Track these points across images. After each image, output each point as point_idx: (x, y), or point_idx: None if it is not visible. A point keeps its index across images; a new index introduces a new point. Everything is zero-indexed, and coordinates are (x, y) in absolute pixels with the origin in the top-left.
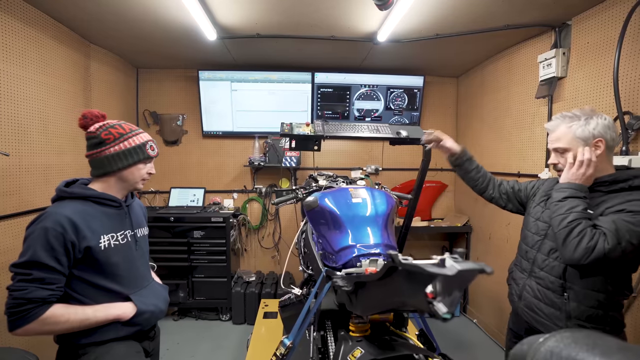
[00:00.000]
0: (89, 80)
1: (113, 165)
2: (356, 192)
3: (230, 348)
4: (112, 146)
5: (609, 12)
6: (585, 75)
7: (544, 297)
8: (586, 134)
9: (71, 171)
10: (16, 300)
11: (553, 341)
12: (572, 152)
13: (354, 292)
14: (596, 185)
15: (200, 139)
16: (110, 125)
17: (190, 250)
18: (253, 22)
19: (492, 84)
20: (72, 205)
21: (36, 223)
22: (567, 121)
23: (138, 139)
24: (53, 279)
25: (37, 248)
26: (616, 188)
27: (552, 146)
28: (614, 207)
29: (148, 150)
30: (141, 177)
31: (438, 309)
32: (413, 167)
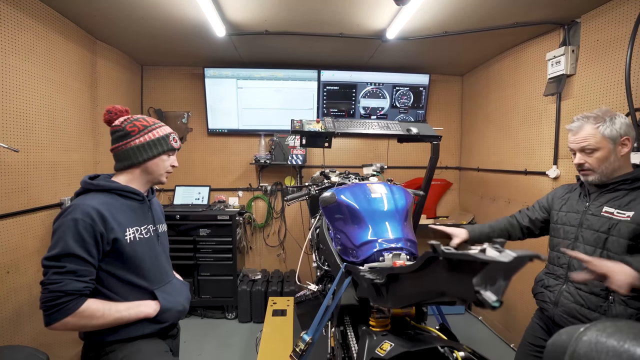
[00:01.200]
0: (96, 77)
1: (139, 156)
2: (374, 187)
3: (238, 346)
4: (137, 137)
5: (619, 10)
6: (595, 73)
7: (587, 301)
8: (614, 133)
9: (78, 168)
10: (53, 293)
11: (595, 331)
12: (602, 152)
13: (385, 285)
14: (619, 184)
15: (205, 137)
16: (134, 118)
17: (196, 248)
18: (262, 18)
19: (499, 81)
20: (97, 197)
21: (64, 215)
22: (592, 121)
23: (162, 130)
24: (86, 270)
25: (68, 240)
26: (638, 185)
27: (579, 146)
28: None
29: (171, 142)
30: (165, 169)
31: (487, 297)
32: (418, 165)
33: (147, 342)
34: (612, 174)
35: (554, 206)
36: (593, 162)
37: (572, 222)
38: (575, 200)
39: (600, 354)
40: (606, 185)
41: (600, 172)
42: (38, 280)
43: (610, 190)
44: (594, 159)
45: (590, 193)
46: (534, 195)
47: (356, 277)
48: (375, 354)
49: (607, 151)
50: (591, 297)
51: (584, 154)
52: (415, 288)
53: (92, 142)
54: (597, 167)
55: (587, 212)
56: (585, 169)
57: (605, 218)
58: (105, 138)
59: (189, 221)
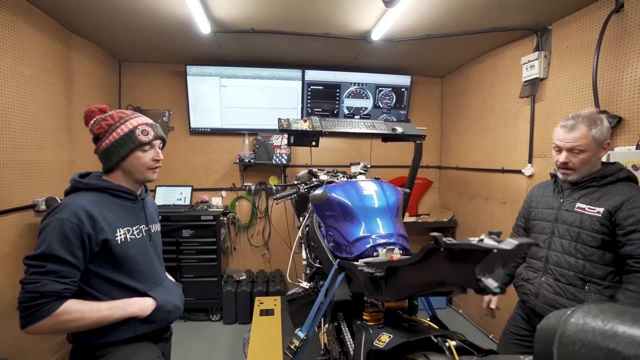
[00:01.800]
0: (71, 72)
1: (110, 159)
2: (366, 185)
3: (224, 347)
4: (105, 139)
5: (586, 19)
6: (565, 77)
7: (566, 292)
8: (601, 137)
9: (53, 168)
10: (29, 294)
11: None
12: (587, 154)
13: (384, 278)
14: (589, 182)
15: (187, 136)
16: (101, 118)
17: (179, 250)
18: (249, 16)
19: (477, 84)
20: (88, 196)
21: (52, 215)
22: (587, 123)
23: (126, 126)
24: (67, 272)
25: (52, 240)
26: (606, 182)
27: (569, 145)
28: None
29: (139, 136)
30: (146, 166)
31: (489, 284)
32: (401, 165)
33: (140, 347)
34: (587, 175)
35: (532, 204)
36: (577, 162)
37: (548, 218)
38: (550, 196)
39: (587, 333)
40: (578, 182)
41: (579, 172)
42: (9, 286)
43: (582, 187)
44: (578, 159)
45: (564, 189)
46: (511, 193)
47: (350, 272)
48: (374, 345)
49: (591, 154)
50: (569, 288)
51: (570, 153)
52: (416, 279)
53: (67, 140)
54: (579, 167)
55: (562, 208)
56: (568, 169)
57: (578, 213)
58: (82, 136)
59: (171, 222)
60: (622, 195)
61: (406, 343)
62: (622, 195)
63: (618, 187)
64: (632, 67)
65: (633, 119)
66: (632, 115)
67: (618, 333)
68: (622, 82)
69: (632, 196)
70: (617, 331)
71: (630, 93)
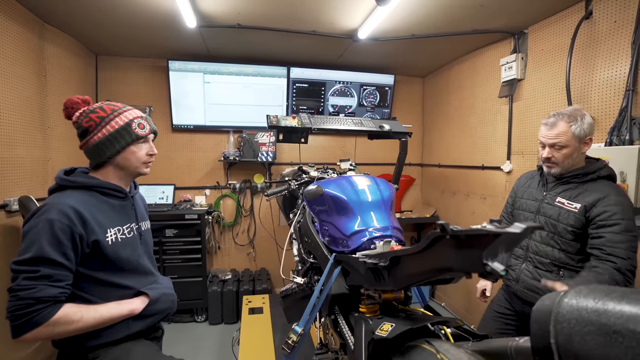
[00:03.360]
0: (44, 65)
1: (103, 154)
2: (360, 180)
3: (212, 348)
4: (96, 133)
5: (559, 24)
6: (540, 78)
7: (543, 277)
8: (582, 133)
9: (25, 165)
10: (23, 300)
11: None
12: (569, 149)
13: (386, 268)
14: (571, 178)
15: (169, 133)
16: (90, 110)
17: (162, 250)
18: (235, 11)
19: (458, 84)
20: (75, 195)
21: (37, 215)
22: (567, 119)
23: (122, 118)
24: (62, 275)
25: (42, 242)
26: (587, 179)
27: (551, 142)
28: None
29: (136, 130)
30: (141, 161)
31: (496, 267)
32: (385, 162)
33: (135, 344)
34: (571, 168)
35: (517, 194)
36: (559, 157)
37: (530, 209)
38: (535, 188)
39: (580, 311)
40: (562, 177)
41: (562, 166)
42: None
43: (564, 182)
44: (561, 154)
45: (548, 183)
46: (491, 188)
47: (348, 265)
48: (376, 335)
49: (573, 149)
50: (546, 274)
51: (553, 149)
52: (421, 267)
53: (41, 137)
54: (561, 161)
55: (544, 201)
56: (551, 162)
57: (557, 207)
58: (57, 132)
59: (153, 222)
60: (599, 193)
61: (403, 332)
62: (598, 193)
63: (597, 185)
64: (601, 70)
65: (602, 118)
66: (602, 114)
67: (609, 309)
68: (592, 84)
69: (607, 194)
70: (608, 308)
71: (599, 94)
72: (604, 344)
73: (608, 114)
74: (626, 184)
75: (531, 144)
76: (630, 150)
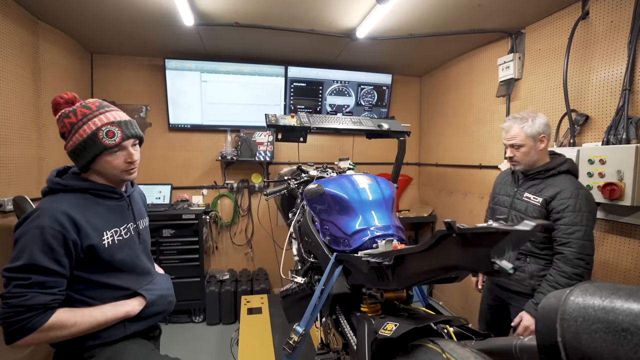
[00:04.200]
0: (39, 63)
1: (79, 161)
2: (360, 178)
3: (210, 349)
4: (69, 140)
5: (556, 24)
6: (537, 78)
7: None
8: (534, 132)
9: (19, 165)
10: (14, 308)
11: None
12: (525, 148)
13: (390, 267)
14: (535, 174)
15: (166, 132)
16: (64, 114)
17: (159, 250)
18: (233, 10)
19: (455, 83)
20: (68, 199)
21: (29, 222)
22: (519, 122)
23: (89, 126)
24: (54, 282)
25: (33, 250)
26: (549, 174)
27: (508, 143)
28: (556, 202)
29: (103, 140)
30: (120, 169)
31: (504, 265)
32: (383, 162)
33: (131, 343)
34: (534, 165)
35: (495, 190)
36: (519, 155)
37: (505, 204)
38: (509, 185)
39: (587, 309)
40: (529, 174)
41: (524, 163)
42: None
43: (531, 179)
44: (520, 153)
45: (519, 179)
46: (488, 187)
47: (349, 264)
48: (380, 334)
49: (529, 147)
50: (516, 262)
51: (512, 148)
52: (426, 266)
53: (35, 136)
54: (522, 159)
55: (515, 197)
56: (514, 161)
57: (525, 202)
58: (52, 131)
59: (150, 222)
60: (558, 187)
61: (407, 331)
62: (557, 187)
63: (557, 179)
64: (598, 70)
65: (599, 117)
66: (598, 114)
67: (616, 307)
68: (589, 84)
69: (565, 188)
70: (615, 305)
71: (596, 94)
72: (612, 342)
73: (605, 113)
74: (623, 182)
75: None
76: (627, 149)
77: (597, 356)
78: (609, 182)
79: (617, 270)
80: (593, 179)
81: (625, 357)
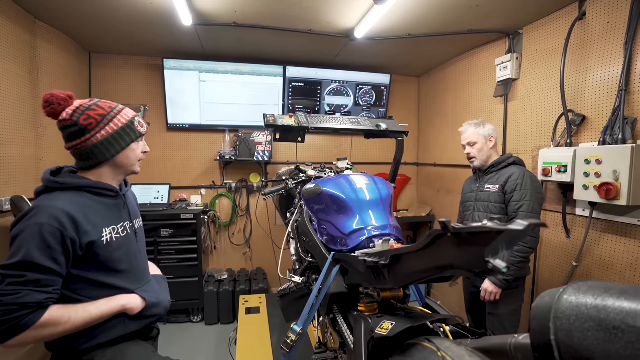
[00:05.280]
0: (36, 62)
1: (106, 153)
2: (358, 178)
3: (207, 349)
4: (98, 132)
5: (553, 25)
6: (535, 78)
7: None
8: (485, 133)
9: (17, 164)
10: (6, 306)
11: (571, 291)
12: (478, 145)
13: (387, 267)
14: (490, 168)
15: (164, 132)
16: (86, 107)
17: (157, 250)
18: (232, 10)
19: (453, 83)
20: (66, 196)
21: (26, 219)
22: (473, 126)
23: (124, 116)
24: (50, 280)
25: (30, 247)
26: (500, 167)
27: (466, 142)
28: (509, 185)
29: (138, 128)
30: (137, 159)
31: (498, 264)
32: (381, 162)
33: (131, 344)
34: (488, 160)
35: (463, 192)
36: (474, 151)
37: (471, 199)
38: (473, 184)
39: (580, 307)
40: (486, 169)
41: (479, 158)
42: None
43: (488, 173)
44: (475, 149)
45: (480, 177)
46: None
47: (347, 264)
48: (376, 333)
49: (482, 144)
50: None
51: (469, 146)
52: (422, 265)
53: (33, 135)
54: (477, 155)
55: (479, 190)
56: (471, 157)
57: (487, 192)
58: (49, 131)
59: (148, 222)
60: (509, 174)
61: (403, 330)
62: (508, 174)
63: (508, 169)
64: (595, 71)
65: (595, 118)
66: (595, 114)
67: (608, 305)
68: (585, 85)
69: (514, 173)
70: (607, 304)
71: (592, 94)
72: (604, 340)
73: (601, 114)
74: (619, 182)
75: (525, 143)
76: (623, 149)
77: (590, 354)
78: (605, 182)
79: (613, 269)
80: (589, 179)
81: (617, 354)
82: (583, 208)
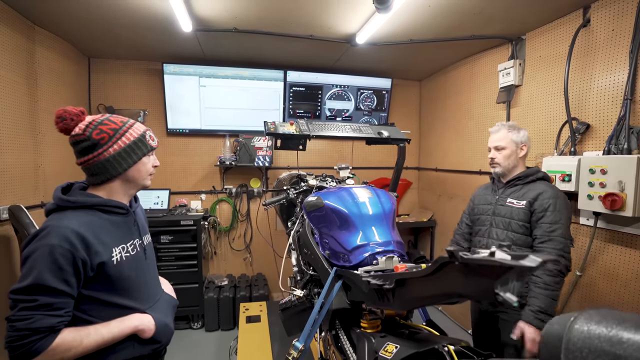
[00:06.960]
0: (34, 68)
1: (117, 167)
2: (361, 192)
3: (208, 356)
4: (110, 146)
5: (557, 31)
6: (538, 85)
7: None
8: (518, 140)
9: (15, 172)
10: (19, 332)
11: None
12: (507, 151)
13: (391, 290)
14: (515, 180)
15: (164, 137)
16: (98, 122)
17: (158, 256)
18: (232, 15)
19: (455, 88)
20: (77, 216)
21: (37, 240)
22: (506, 129)
23: (135, 130)
24: (62, 303)
25: (42, 269)
26: (528, 181)
27: (493, 145)
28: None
29: (149, 142)
30: (148, 173)
31: (508, 298)
32: (382, 166)
33: None
34: (512, 170)
35: (475, 202)
36: (501, 158)
37: (487, 212)
38: (489, 194)
39: (592, 340)
40: (509, 181)
41: (503, 166)
42: None
43: (511, 186)
44: (502, 155)
45: (499, 188)
46: None
47: (349, 281)
48: (380, 356)
49: (511, 151)
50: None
51: (496, 150)
52: (428, 291)
53: (31, 142)
54: (502, 162)
55: (497, 204)
56: (495, 163)
57: (509, 207)
58: (48, 138)
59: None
60: (538, 190)
61: (417, 353)
62: (537, 190)
63: (536, 185)
64: (599, 78)
65: (600, 126)
66: (599, 122)
67: (623, 339)
68: (590, 92)
69: (545, 190)
70: (622, 338)
71: (597, 102)
72: None
73: (606, 122)
74: (625, 193)
75: (528, 151)
76: (628, 159)
77: None
78: (610, 193)
79: (617, 280)
80: (594, 188)
81: None
82: (587, 217)
